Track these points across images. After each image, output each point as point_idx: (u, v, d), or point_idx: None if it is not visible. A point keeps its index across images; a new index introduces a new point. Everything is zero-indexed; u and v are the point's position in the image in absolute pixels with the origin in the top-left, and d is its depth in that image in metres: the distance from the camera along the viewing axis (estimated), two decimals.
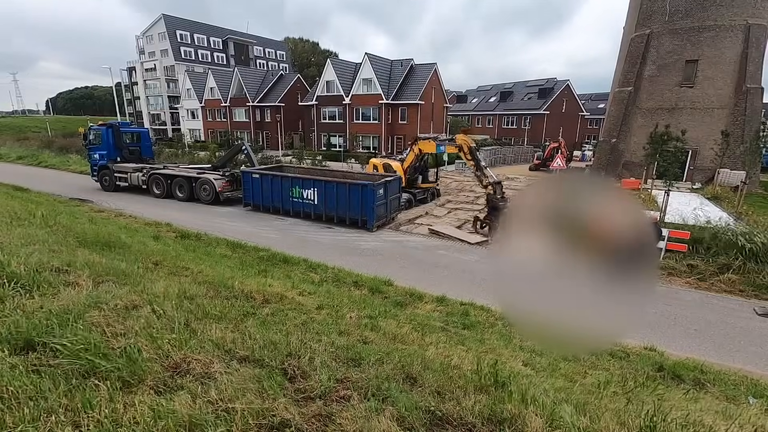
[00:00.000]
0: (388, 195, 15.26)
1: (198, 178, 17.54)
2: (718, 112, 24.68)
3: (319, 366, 2.53)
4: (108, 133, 19.45)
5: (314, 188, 15.30)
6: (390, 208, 15.63)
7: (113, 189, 19.54)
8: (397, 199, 16.36)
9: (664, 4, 25.31)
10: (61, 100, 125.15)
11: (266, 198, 16.40)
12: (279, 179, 16.11)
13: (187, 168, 19.69)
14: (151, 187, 18.60)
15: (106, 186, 19.78)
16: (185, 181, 17.83)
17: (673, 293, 9.68)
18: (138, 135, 21.43)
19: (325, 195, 15.08)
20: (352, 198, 14.58)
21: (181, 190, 17.99)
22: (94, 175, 20.33)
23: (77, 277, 3.52)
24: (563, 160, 22.84)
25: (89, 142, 20.11)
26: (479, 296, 8.39)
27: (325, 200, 15.10)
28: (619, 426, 2.21)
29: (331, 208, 15.09)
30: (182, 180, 17.91)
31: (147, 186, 18.72)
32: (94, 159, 19.94)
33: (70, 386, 1.93)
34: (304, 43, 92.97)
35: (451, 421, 2.10)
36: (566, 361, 5.03)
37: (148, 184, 18.64)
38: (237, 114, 51.49)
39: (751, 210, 16.16)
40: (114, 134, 19.52)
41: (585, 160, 42.38)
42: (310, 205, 15.48)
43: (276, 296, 4.79)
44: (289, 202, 15.85)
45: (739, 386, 5.29)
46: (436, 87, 40.26)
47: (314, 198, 15.32)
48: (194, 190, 17.69)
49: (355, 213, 14.66)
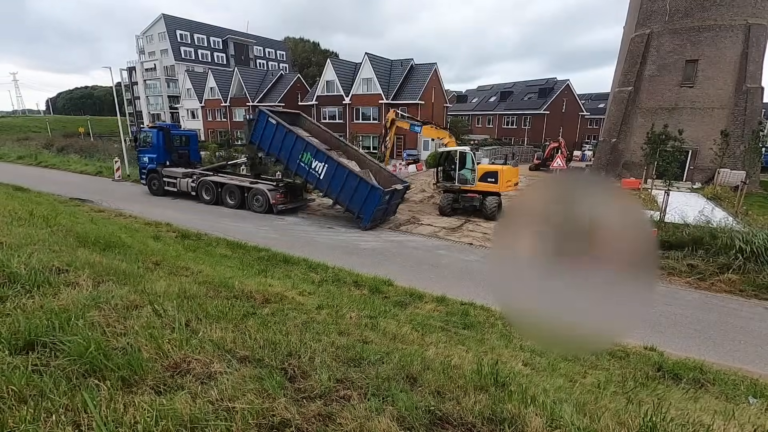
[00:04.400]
0: (391, 201, 15.29)
1: (251, 188, 16.84)
2: (718, 111, 24.68)
3: (319, 366, 2.53)
4: (159, 136, 18.93)
5: (326, 164, 15.02)
6: (387, 213, 15.72)
7: (162, 193, 19.06)
8: (397, 205, 16.43)
9: (664, 4, 25.31)
10: (61, 100, 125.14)
11: (275, 147, 16.12)
12: (294, 136, 15.65)
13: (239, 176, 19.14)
14: (200, 192, 18.00)
15: (155, 190, 19.31)
16: (237, 189, 17.15)
17: (673, 293, 9.68)
18: (187, 138, 20.75)
19: (333, 175, 14.83)
20: (359, 192, 14.44)
21: (232, 198, 17.29)
22: (142, 179, 19.89)
23: (77, 277, 3.52)
24: (563, 160, 22.84)
25: (139, 145, 19.58)
26: (479, 296, 8.40)
27: (331, 180, 14.93)
28: (619, 426, 2.21)
29: (334, 190, 15.01)
30: (234, 188, 17.23)
31: (196, 192, 18.08)
32: (143, 162, 19.48)
33: (70, 386, 1.93)
34: (305, 43, 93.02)
35: (451, 421, 2.10)
36: (566, 361, 5.03)
37: (198, 190, 18.02)
38: (237, 114, 51.49)
39: (751, 210, 16.17)
40: (165, 137, 19.02)
41: (585, 160, 42.41)
42: (315, 177, 15.32)
43: (276, 296, 4.79)
44: (295, 164, 15.68)
45: (739, 386, 5.29)
46: (436, 87, 40.26)
47: (322, 173, 15.09)
48: (246, 199, 16.96)
49: (354, 206, 14.66)
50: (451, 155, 16.95)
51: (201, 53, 65.95)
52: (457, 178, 16.58)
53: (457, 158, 16.56)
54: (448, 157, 17.22)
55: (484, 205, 16.07)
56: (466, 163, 16.55)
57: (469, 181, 16.44)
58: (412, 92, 37.94)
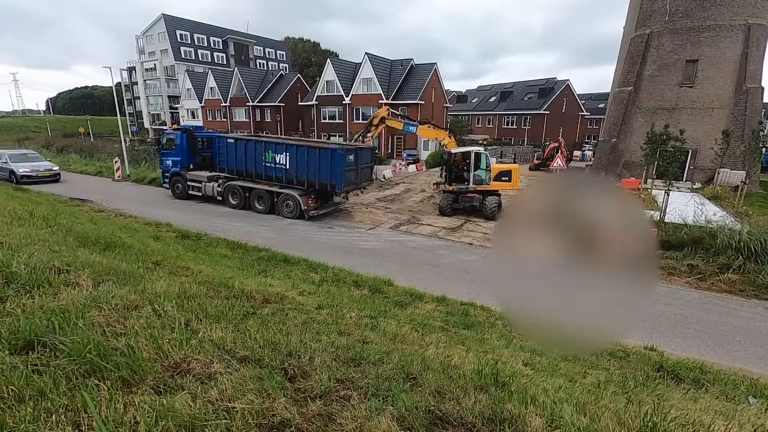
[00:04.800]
0: (359, 162, 15.66)
1: (281, 193, 16.19)
2: (718, 111, 24.68)
3: (319, 366, 2.53)
4: (183, 139, 18.37)
5: (286, 153, 15.59)
6: (361, 177, 16.03)
7: (185, 197, 18.56)
8: (369, 168, 16.82)
9: (664, 4, 25.31)
10: (61, 100, 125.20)
11: (240, 162, 16.62)
12: (254, 143, 16.39)
13: None
14: (227, 197, 17.42)
15: (178, 194, 18.83)
16: (266, 194, 16.56)
17: (673, 293, 9.67)
18: (209, 140, 19.77)
19: (296, 160, 15.39)
20: (322, 162, 14.86)
21: (261, 202, 16.76)
22: (165, 182, 19.38)
23: (77, 277, 3.52)
24: (563, 160, 22.83)
25: (162, 147, 19.11)
26: (479, 296, 8.40)
27: (296, 165, 15.44)
28: (619, 426, 2.21)
29: (302, 172, 15.41)
30: (263, 192, 16.61)
31: (222, 197, 17.48)
32: (166, 165, 18.96)
33: (70, 386, 1.93)
34: (305, 43, 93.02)
35: (451, 421, 2.10)
36: (566, 361, 5.03)
37: (224, 194, 17.42)
38: (237, 114, 51.51)
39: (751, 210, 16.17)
40: (188, 139, 18.47)
41: (585, 160, 42.42)
42: (282, 169, 15.80)
43: (276, 296, 4.79)
44: (262, 166, 16.19)
45: (739, 386, 5.29)
46: (436, 87, 40.26)
47: (286, 163, 15.61)
48: (275, 204, 16.45)
49: (324, 178, 14.99)
50: (464, 156, 16.74)
51: (201, 53, 65.97)
52: (472, 179, 16.38)
53: (472, 159, 16.35)
54: (459, 158, 17.01)
55: (484, 205, 16.03)
56: (481, 163, 16.43)
57: (484, 182, 16.33)
58: (412, 92, 37.94)
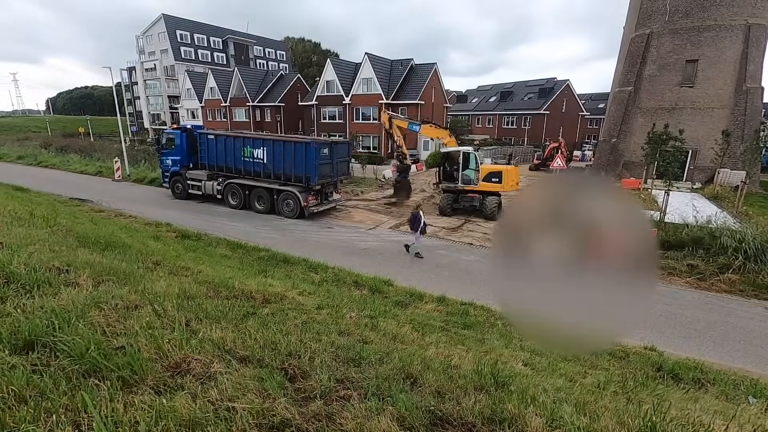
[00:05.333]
0: (334, 156, 16.07)
1: (281, 191, 15.99)
2: (718, 111, 24.67)
3: (319, 366, 2.53)
4: (182, 138, 18.26)
5: (264, 147, 16.06)
6: (336, 170, 16.42)
7: (185, 197, 18.50)
8: (346, 163, 17.29)
9: (664, 4, 25.31)
10: (61, 100, 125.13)
11: (220, 158, 17.07)
12: (233, 139, 16.86)
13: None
14: (226, 197, 17.23)
15: (178, 194, 18.77)
16: (266, 192, 16.34)
17: (673, 293, 9.68)
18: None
19: (273, 154, 15.83)
20: (297, 156, 15.30)
21: (261, 202, 16.57)
22: (165, 182, 19.31)
23: (78, 276, 3.52)
24: (563, 160, 22.83)
25: (161, 147, 19.00)
26: (479, 296, 8.39)
27: (273, 159, 15.86)
28: (619, 426, 2.21)
29: (278, 166, 15.83)
30: (263, 191, 16.42)
31: (222, 196, 17.31)
32: (166, 165, 18.84)
33: (70, 386, 1.93)
34: (305, 43, 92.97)
35: (451, 421, 2.10)
36: (566, 361, 5.03)
37: (224, 193, 17.25)
38: (237, 114, 51.45)
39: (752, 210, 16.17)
40: (188, 138, 18.31)
41: (585, 160, 42.39)
42: (260, 164, 16.22)
43: (276, 296, 4.79)
44: (241, 161, 16.59)
45: (739, 386, 5.29)
46: (436, 87, 40.24)
47: (264, 157, 16.05)
48: (276, 203, 16.27)
49: (300, 171, 15.34)
50: (453, 155, 16.82)
51: (201, 53, 65.90)
52: (461, 178, 16.46)
53: (461, 158, 16.45)
54: (450, 157, 17.07)
55: (484, 205, 16.02)
56: (470, 163, 16.47)
57: (472, 182, 16.34)
58: (412, 92, 37.93)
